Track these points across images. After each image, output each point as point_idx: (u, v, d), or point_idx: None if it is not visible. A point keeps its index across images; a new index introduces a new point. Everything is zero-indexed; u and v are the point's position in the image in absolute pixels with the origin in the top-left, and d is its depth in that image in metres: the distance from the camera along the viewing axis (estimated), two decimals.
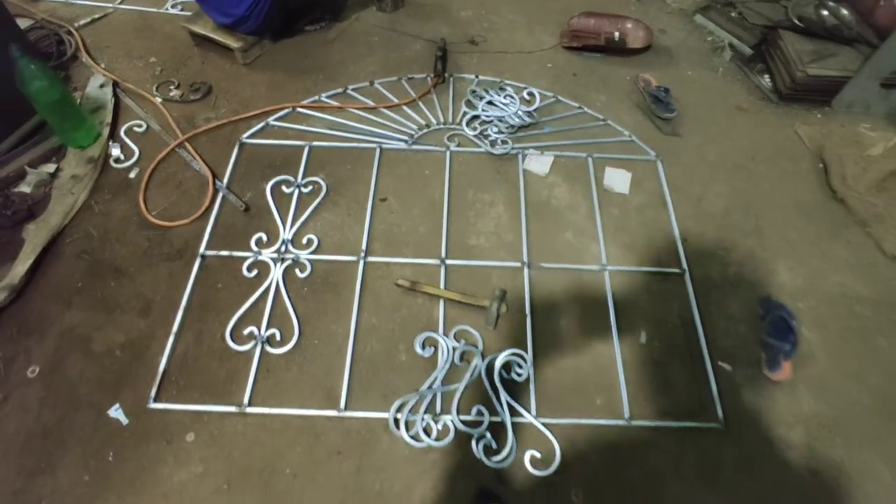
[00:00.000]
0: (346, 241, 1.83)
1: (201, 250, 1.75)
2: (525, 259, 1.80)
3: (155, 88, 2.26)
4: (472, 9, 2.83)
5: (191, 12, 2.50)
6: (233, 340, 1.57)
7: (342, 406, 1.47)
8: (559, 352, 1.62)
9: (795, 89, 2.38)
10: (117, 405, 1.45)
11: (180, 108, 2.20)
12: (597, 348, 1.64)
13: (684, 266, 1.83)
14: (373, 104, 2.25)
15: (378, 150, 2.07)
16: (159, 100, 2.21)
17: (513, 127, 2.18)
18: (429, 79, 2.38)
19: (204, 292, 1.68)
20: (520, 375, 1.53)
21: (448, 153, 2.09)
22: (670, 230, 1.93)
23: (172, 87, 2.27)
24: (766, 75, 2.54)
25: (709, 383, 1.58)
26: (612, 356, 1.61)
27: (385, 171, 2.03)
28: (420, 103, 2.27)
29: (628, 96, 2.42)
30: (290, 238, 1.80)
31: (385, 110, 2.23)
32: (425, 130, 2.17)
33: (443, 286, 1.71)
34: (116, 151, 2.00)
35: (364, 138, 2.12)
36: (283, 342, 1.58)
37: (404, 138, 2.13)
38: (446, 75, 2.40)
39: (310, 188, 1.96)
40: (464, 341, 1.60)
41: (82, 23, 2.53)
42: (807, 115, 2.40)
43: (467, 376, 1.52)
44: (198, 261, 1.73)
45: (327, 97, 2.28)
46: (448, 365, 1.54)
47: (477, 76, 2.42)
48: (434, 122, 2.21)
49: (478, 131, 2.17)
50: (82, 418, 1.43)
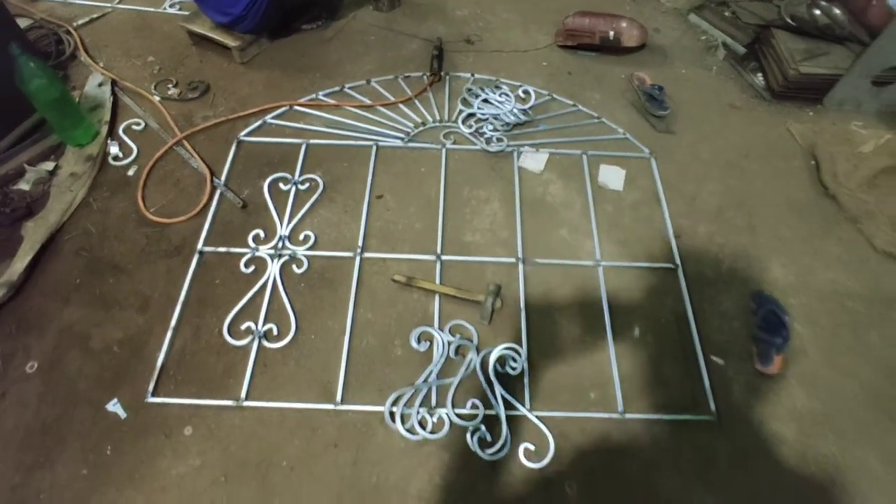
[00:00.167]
0: (342, 237, 1.84)
1: (199, 247, 1.77)
2: (520, 255, 1.81)
3: (153, 87, 2.28)
4: (468, 8, 2.85)
5: (189, 11, 2.52)
6: (230, 335, 1.59)
7: (338, 400, 1.48)
8: (553, 346, 1.64)
9: (788, 87, 2.40)
10: (115, 400, 1.46)
11: (178, 107, 2.22)
12: (590, 343, 1.65)
13: (677, 262, 1.84)
14: (369, 102, 2.26)
15: (374, 148, 2.09)
16: (157, 98, 2.23)
17: (508, 125, 2.20)
18: (425, 77, 2.40)
19: (202, 288, 1.69)
20: (514, 369, 1.55)
21: (444, 151, 2.10)
22: (664, 227, 1.95)
23: (170, 85, 2.28)
24: (759, 74, 2.57)
25: (701, 377, 1.59)
26: (605, 351, 1.63)
27: (381, 168, 2.05)
28: (416, 101, 2.29)
29: (623, 94, 2.44)
30: (287, 234, 1.82)
31: (382, 108, 2.25)
32: (421, 128, 2.19)
33: (438, 282, 1.73)
34: (115, 149, 2.02)
35: (361, 136, 2.14)
36: (280, 337, 1.59)
37: (401, 136, 2.15)
38: (442, 74, 2.42)
39: (307, 185, 1.97)
40: (459, 335, 1.61)
41: (81, 22, 2.55)
42: (799, 113, 2.43)
43: (462, 370, 1.54)
44: (196, 257, 1.74)
45: (324, 95, 2.29)
46: (443, 359, 1.55)
47: (473, 75, 2.44)
48: (430, 120, 2.23)
49: (473, 129, 2.18)
50: (81, 413, 1.44)
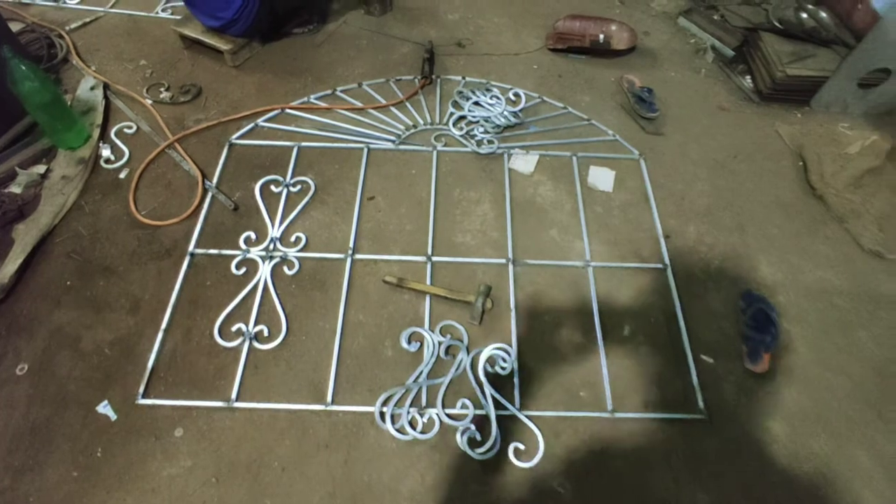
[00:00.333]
0: (333, 239, 1.85)
1: (190, 249, 1.77)
2: (510, 256, 1.83)
3: (145, 90, 2.28)
4: (460, 12, 2.87)
5: (181, 16, 2.52)
6: (221, 337, 1.59)
7: (329, 400, 1.49)
8: (543, 346, 1.65)
9: (775, 89, 2.43)
10: (106, 402, 1.46)
11: (170, 110, 2.22)
12: (580, 342, 1.66)
13: (666, 262, 1.86)
14: (361, 105, 2.28)
15: (366, 150, 2.10)
16: (149, 102, 2.23)
17: (499, 127, 2.21)
18: (416, 80, 2.42)
19: (193, 290, 1.69)
20: (504, 369, 1.56)
21: (435, 153, 2.12)
22: (653, 227, 1.97)
23: (162, 89, 2.29)
24: (747, 76, 2.60)
25: (691, 376, 1.61)
26: (595, 350, 1.64)
27: (373, 170, 2.06)
28: (408, 104, 2.30)
29: (612, 97, 2.46)
30: (278, 236, 1.82)
31: (373, 111, 2.26)
32: (412, 131, 2.20)
33: (429, 283, 1.74)
34: (107, 152, 2.02)
35: (352, 139, 2.15)
36: (271, 338, 1.60)
37: (392, 138, 2.16)
38: (433, 77, 2.43)
39: (298, 188, 1.98)
40: (449, 336, 1.62)
41: (73, 26, 2.55)
42: (787, 115, 2.45)
43: (452, 370, 1.55)
44: (187, 259, 1.74)
45: (316, 98, 2.30)
46: (433, 359, 1.56)
47: (464, 78, 2.46)
48: (421, 122, 2.24)
49: (464, 131, 2.20)
50: (71, 416, 1.44)
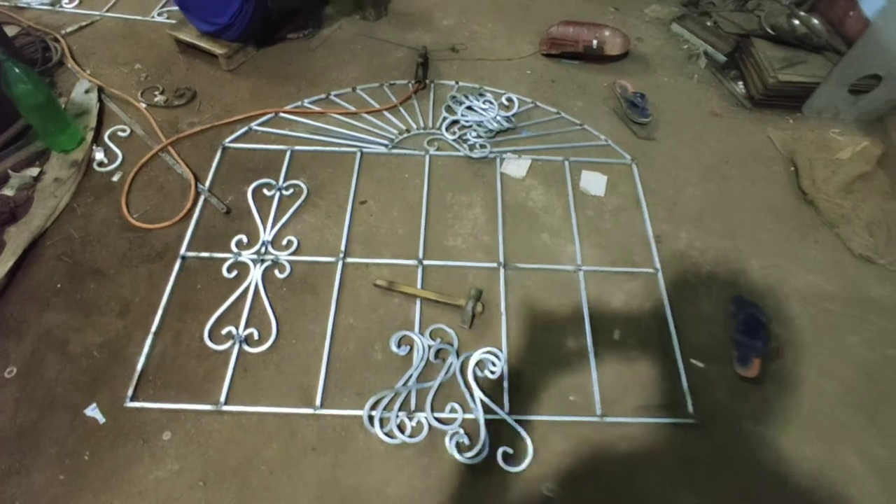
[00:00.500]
0: (325, 242, 1.85)
1: (182, 252, 1.77)
2: (501, 259, 1.83)
3: (140, 94, 2.29)
4: (454, 18, 2.89)
5: (176, 20, 2.54)
6: (211, 340, 1.59)
7: (318, 404, 1.48)
8: (533, 350, 1.65)
9: (767, 95, 2.44)
10: (94, 404, 1.46)
11: (164, 114, 2.23)
12: (570, 346, 1.66)
13: (657, 266, 1.87)
14: (354, 109, 2.29)
15: (359, 154, 2.11)
16: (144, 105, 2.24)
17: (491, 131, 2.22)
18: (410, 85, 2.43)
19: (183, 293, 1.70)
20: (493, 373, 1.56)
21: (427, 157, 2.13)
22: (644, 231, 1.98)
23: (157, 92, 2.30)
24: (739, 82, 2.61)
25: (681, 380, 1.61)
26: (585, 354, 1.64)
27: (365, 174, 2.06)
28: (401, 109, 2.31)
29: (605, 102, 2.47)
30: (270, 240, 1.82)
31: (367, 115, 2.27)
32: (406, 135, 2.21)
33: (420, 286, 1.74)
34: (100, 155, 2.03)
35: (345, 143, 2.16)
36: (261, 341, 1.60)
37: (385, 143, 2.17)
38: (427, 82, 2.45)
39: (291, 191, 1.98)
40: (439, 339, 1.62)
41: (69, 30, 2.56)
42: (779, 121, 2.47)
43: (442, 374, 1.55)
44: (178, 262, 1.74)
45: (310, 103, 2.31)
46: (423, 363, 1.56)
47: (457, 82, 2.47)
48: (414, 126, 2.25)
49: (457, 136, 2.21)
50: (58, 419, 1.44)
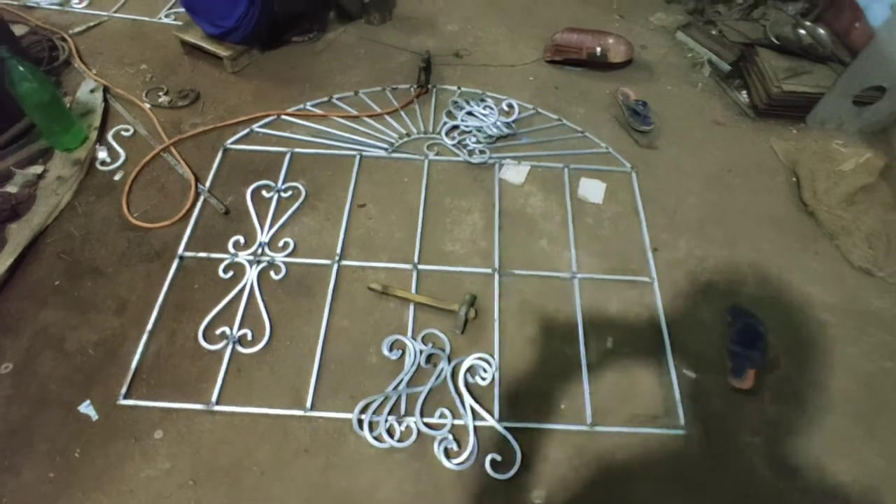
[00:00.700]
0: (322, 245, 1.86)
1: (180, 251, 1.78)
2: (496, 266, 1.83)
3: (144, 94, 2.31)
4: (458, 23, 2.90)
5: (183, 21, 2.57)
6: (205, 340, 1.60)
7: (308, 406, 1.49)
8: (525, 357, 1.64)
9: (771, 105, 2.42)
10: (88, 401, 1.47)
11: (168, 114, 2.25)
12: (563, 354, 1.66)
13: (654, 275, 1.85)
14: (356, 113, 2.30)
15: (358, 158, 2.11)
16: (148, 105, 2.26)
17: (491, 137, 2.22)
18: (412, 89, 2.44)
19: (180, 293, 1.71)
20: (484, 379, 1.55)
21: (427, 161, 2.13)
22: (642, 240, 1.97)
23: (161, 93, 2.32)
24: (743, 91, 2.60)
25: (674, 390, 1.60)
26: (578, 362, 1.63)
27: (364, 177, 2.07)
28: (402, 113, 2.32)
29: (607, 109, 2.47)
30: (266, 241, 1.83)
31: (368, 119, 2.28)
32: (406, 139, 2.22)
33: (414, 290, 1.74)
34: (103, 154, 2.05)
35: (345, 146, 2.17)
36: (255, 342, 1.60)
37: (385, 146, 2.17)
38: (430, 86, 2.45)
39: (289, 193, 1.99)
40: (431, 344, 1.62)
41: (77, 30, 2.60)
42: (782, 131, 2.45)
43: (433, 379, 1.55)
44: (176, 261, 1.76)
45: (312, 106, 2.33)
46: (414, 368, 1.56)
47: (459, 87, 2.47)
48: (415, 131, 2.26)
49: (456, 141, 2.21)
50: (51, 416, 1.45)
